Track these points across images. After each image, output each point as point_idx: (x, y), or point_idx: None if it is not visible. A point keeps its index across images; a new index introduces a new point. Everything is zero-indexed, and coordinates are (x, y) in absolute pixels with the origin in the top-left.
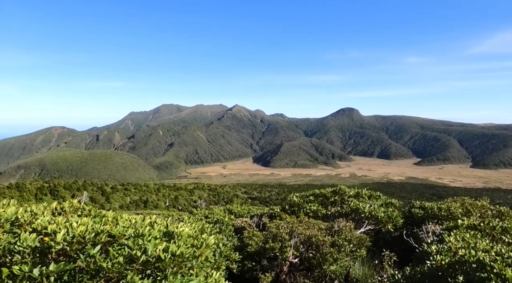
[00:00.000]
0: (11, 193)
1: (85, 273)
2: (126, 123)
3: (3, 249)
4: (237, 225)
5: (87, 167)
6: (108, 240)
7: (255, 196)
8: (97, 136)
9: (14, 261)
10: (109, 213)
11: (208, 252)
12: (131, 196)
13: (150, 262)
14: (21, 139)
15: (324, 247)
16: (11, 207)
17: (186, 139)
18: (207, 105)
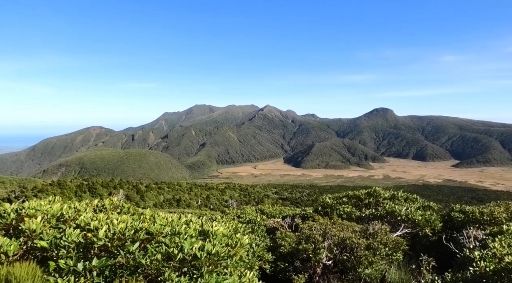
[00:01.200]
0: (53, 190)
1: (125, 268)
2: (160, 124)
3: (50, 243)
4: (269, 226)
5: (123, 165)
6: (146, 238)
7: (286, 197)
8: (132, 136)
9: (60, 255)
10: (147, 211)
11: (243, 251)
12: (164, 195)
13: (186, 260)
14: (62, 138)
15: (358, 249)
16: (56, 204)
17: (217, 139)
18: (238, 105)
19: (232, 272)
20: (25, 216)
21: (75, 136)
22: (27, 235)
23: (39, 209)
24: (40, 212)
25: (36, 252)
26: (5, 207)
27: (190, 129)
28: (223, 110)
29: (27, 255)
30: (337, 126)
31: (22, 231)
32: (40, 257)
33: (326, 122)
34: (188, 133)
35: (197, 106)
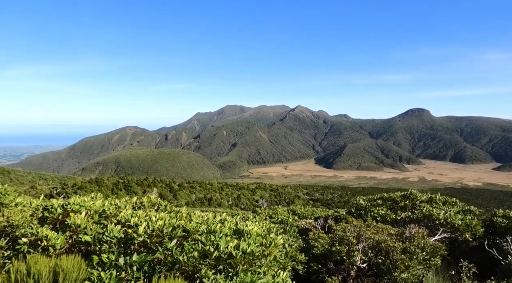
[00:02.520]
0: (91, 187)
1: (163, 264)
2: (192, 124)
3: (94, 238)
4: (301, 226)
5: (157, 164)
6: (183, 235)
7: (317, 198)
8: (166, 136)
9: (102, 249)
10: (183, 209)
11: (277, 251)
12: (196, 194)
13: (222, 258)
14: (100, 138)
15: (394, 253)
16: (98, 200)
17: (248, 139)
18: (269, 106)
19: (266, 271)
20: (71, 212)
21: (111, 136)
22: (72, 229)
23: (83, 205)
24: (84, 208)
25: (80, 246)
26: (52, 203)
27: (221, 130)
28: (254, 110)
29: (72, 248)
30: (370, 127)
31: (68, 225)
32: (84, 251)
33: (359, 123)
34: (219, 134)
35: (228, 106)
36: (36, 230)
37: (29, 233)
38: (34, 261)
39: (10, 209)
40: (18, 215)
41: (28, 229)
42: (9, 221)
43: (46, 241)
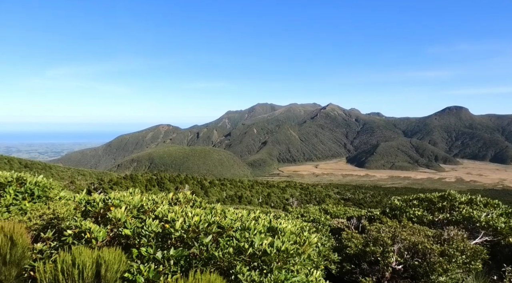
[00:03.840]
0: (126, 183)
1: (199, 259)
2: (223, 122)
3: (133, 232)
4: (333, 226)
5: (188, 162)
6: (218, 231)
7: (348, 197)
8: (197, 133)
9: (141, 243)
10: (218, 205)
11: (310, 250)
12: (227, 191)
13: (256, 255)
14: (134, 135)
15: (432, 255)
16: (137, 196)
17: (279, 137)
18: (300, 104)
19: (299, 270)
20: (111, 206)
21: (145, 134)
22: (113, 223)
23: (123, 200)
24: (123, 202)
25: (120, 239)
26: (94, 197)
27: (252, 128)
28: (284, 108)
29: (112, 241)
30: (405, 126)
31: (109, 219)
32: (124, 244)
33: (393, 121)
34: (250, 132)
35: (259, 104)
36: (80, 222)
37: (74, 225)
38: (79, 252)
39: (55, 202)
40: (63, 208)
41: (73, 222)
42: (55, 214)
43: (89, 234)
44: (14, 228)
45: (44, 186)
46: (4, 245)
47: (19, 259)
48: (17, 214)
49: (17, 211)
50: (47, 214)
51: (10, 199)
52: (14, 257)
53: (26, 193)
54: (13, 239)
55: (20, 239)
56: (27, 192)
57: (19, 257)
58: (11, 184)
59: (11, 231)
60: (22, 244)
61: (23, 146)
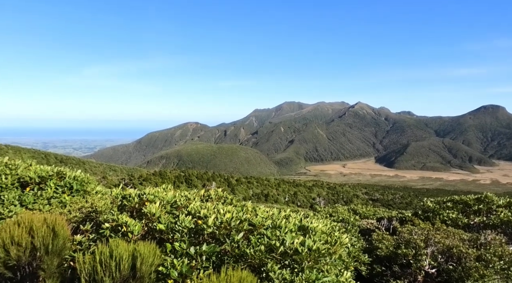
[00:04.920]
0: (155, 179)
1: (230, 256)
2: (250, 120)
3: (167, 226)
4: (363, 226)
5: (216, 159)
6: (249, 229)
7: (377, 198)
8: (225, 131)
9: (175, 238)
10: (248, 203)
11: (342, 250)
12: (253, 189)
13: (287, 254)
14: (163, 133)
15: (467, 260)
16: (170, 192)
17: (306, 136)
18: (328, 102)
19: (329, 270)
20: (146, 201)
21: (174, 131)
22: (148, 217)
23: (157, 196)
24: (157, 198)
25: (155, 233)
26: (130, 192)
27: (279, 126)
28: (312, 107)
29: (147, 235)
30: (437, 125)
31: (144, 214)
32: (158, 238)
33: (424, 121)
34: (277, 130)
35: (286, 103)
36: (116, 216)
37: (111, 219)
38: (116, 245)
39: (92, 196)
40: (101, 202)
41: (110, 215)
42: (93, 207)
43: (125, 227)
44: (56, 220)
45: (82, 180)
46: (47, 236)
47: (60, 250)
48: (58, 207)
49: (57, 204)
50: (86, 207)
51: (51, 192)
52: (56, 248)
53: (66, 187)
54: (55, 230)
55: (61, 231)
56: (66, 185)
57: (60, 247)
58: (52, 177)
59: (53, 223)
60: (63, 235)
61: (59, 141)
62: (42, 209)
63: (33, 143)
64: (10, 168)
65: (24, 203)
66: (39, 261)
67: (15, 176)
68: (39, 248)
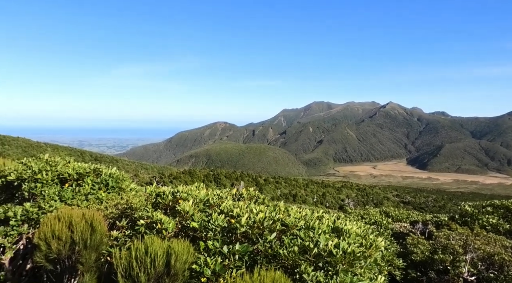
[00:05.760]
0: (185, 178)
1: (263, 256)
2: (279, 120)
3: (200, 225)
4: (396, 230)
5: (244, 159)
6: (282, 229)
7: (408, 201)
8: (253, 131)
9: (208, 236)
10: (281, 203)
11: (377, 254)
12: (281, 189)
13: (321, 256)
14: (193, 132)
15: (510, 268)
16: (203, 190)
17: (335, 136)
18: (358, 102)
19: (362, 273)
20: (179, 199)
21: (203, 131)
22: (181, 215)
23: (190, 194)
24: (190, 196)
25: (188, 231)
26: (164, 190)
27: (307, 126)
28: (341, 107)
29: (180, 233)
30: (473, 126)
31: (177, 211)
32: (191, 236)
33: (459, 121)
34: (305, 130)
35: (315, 103)
36: (151, 213)
37: (145, 216)
38: (151, 242)
39: (127, 193)
40: (136, 199)
41: (144, 212)
42: (128, 204)
43: (160, 224)
44: (94, 215)
45: (117, 177)
46: (86, 231)
47: (98, 245)
48: (94, 203)
49: (94, 200)
50: (121, 204)
51: (88, 188)
52: (94, 242)
53: (102, 184)
54: (93, 225)
55: (99, 226)
56: (103, 182)
57: (98, 242)
58: (89, 174)
59: (91, 218)
60: (101, 230)
61: (93, 140)
62: (80, 204)
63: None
64: (50, 165)
65: (63, 198)
66: (78, 255)
67: (55, 172)
68: (78, 243)
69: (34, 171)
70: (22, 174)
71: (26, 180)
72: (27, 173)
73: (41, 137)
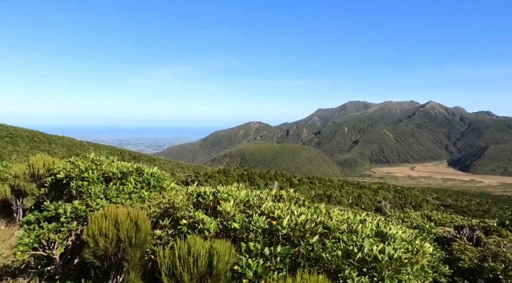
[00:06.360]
0: (220, 177)
1: (305, 259)
2: (313, 120)
3: (241, 225)
4: (439, 234)
5: (278, 159)
6: (324, 232)
7: (449, 204)
8: (287, 131)
9: (249, 238)
10: (321, 205)
11: (424, 260)
12: (315, 190)
13: (366, 261)
14: (227, 132)
15: None
16: (243, 190)
17: (371, 137)
18: (396, 101)
19: (406, 280)
20: (220, 199)
21: (237, 130)
22: (222, 216)
23: (230, 194)
24: (231, 196)
25: (229, 232)
26: (205, 190)
27: (343, 126)
28: (378, 106)
29: (221, 233)
30: None
31: (218, 212)
32: (232, 237)
33: (506, 122)
34: (340, 130)
35: (350, 102)
36: (193, 213)
37: (187, 215)
38: (193, 242)
39: (168, 192)
40: (177, 198)
41: (186, 212)
42: (170, 203)
43: (202, 224)
44: (138, 214)
45: (158, 176)
46: (130, 229)
47: (142, 243)
48: (137, 201)
49: (137, 199)
50: (164, 203)
51: (131, 187)
52: (138, 241)
53: (144, 182)
54: (138, 224)
55: (143, 225)
56: (145, 181)
57: (142, 240)
58: (132, 173)
59: (136, 217)
60: (145, 229)
61: (132, 139)
62: (124, 203)
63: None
64: (96, 164)
65: (108, 196)
66: (123, 253)
67: (100, 171)
68: (124, 240)
69: (81, 170)
70: (70, 172)
71: (74, 178)
72: (74, 172)
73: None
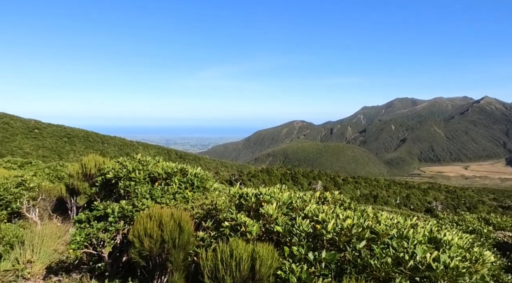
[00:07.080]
0: (263, 176)
1: (352, 266)
2: (358, 118)
3: (284, 229)
4: (499, 239)
5: (321, 158)
6: (371, 237)
7: (508, 205)
8: (331, 130)
9: (292, 242)
10: (369, 208)
11: (485, 270)
12: (361, 189)
13: (418, 269)
14: (270, 131)
15: None
16: (286, 192)
17: (420, 135)
18: (447, 97)
19: None
20: (263, 201)
21: (280, 129)
22: (265, 218)
23: (273, 196)
24: (274, 199)
25: (272, 235)
26: (247, 191)
27: (389, 124)
28: (427, 103)
29: (263, 236)
30: None
31: (261, 214)
32: (275, 241)
33: None
34: (387, 128)
35: (398, 99)
36: (235, 215)
37: (230, 217)
38: (236, 244)
39: (211, 193)
40: (220, 199)
41: (229, 214)
42: (213, 205)
43: (244, 227)
44: (182, 215)
45: (201, 177)
46: (174, 230)
47: (185, 244)
48: (181, 202)
49: (181, 199)
50: (206, 204)
51: (176, 188)
52: (182, 242)
53: (188, 183)
54: (181, 225)
55: (186, 226)
56: (188, 182)
57: (185, 242)
58: (176, 174)
59: (179, 218)
60: (188, 230)
61: (178, 139)
62: (168, 203)
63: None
64: (142, 164)
65: (153, 196)
66: (167, 254)
67: (146, 171)
68: (168, 241)
69: (128, 170)
70: (119, 173)
71: (122, 178)
72: (122, 172)
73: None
